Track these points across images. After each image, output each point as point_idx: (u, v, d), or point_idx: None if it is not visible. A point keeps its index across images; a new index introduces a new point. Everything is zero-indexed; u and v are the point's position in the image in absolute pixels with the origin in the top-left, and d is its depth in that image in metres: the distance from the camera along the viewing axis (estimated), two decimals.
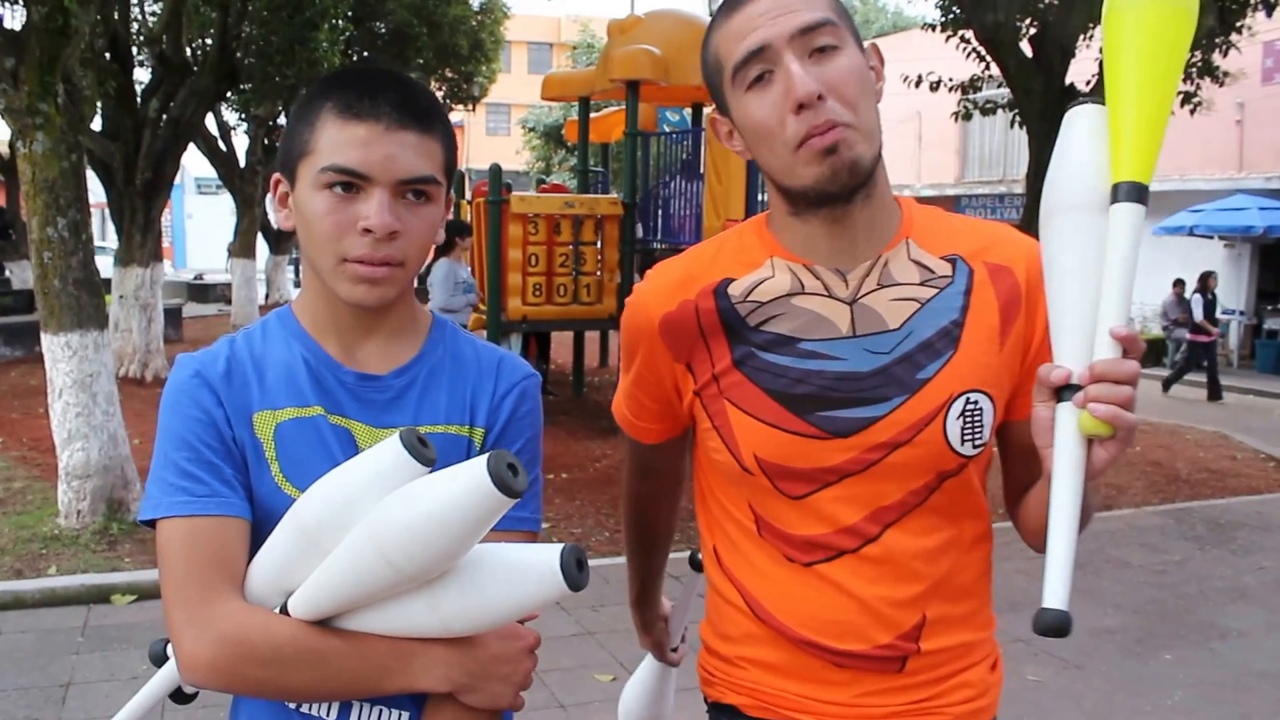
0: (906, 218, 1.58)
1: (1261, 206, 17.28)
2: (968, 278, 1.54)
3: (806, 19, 1.42)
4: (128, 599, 5.89)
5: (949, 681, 1.58)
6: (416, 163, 1.39)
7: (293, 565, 1.33)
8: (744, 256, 1.58)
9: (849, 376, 1.49)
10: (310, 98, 1.43)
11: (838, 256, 1.53)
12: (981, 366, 1.51)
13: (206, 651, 1.31)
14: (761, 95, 1.45)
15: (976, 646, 1.62)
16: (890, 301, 1.51)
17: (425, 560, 1.23)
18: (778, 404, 1.51)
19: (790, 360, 1.50)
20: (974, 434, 1.51)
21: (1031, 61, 10.69)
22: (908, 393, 1.49)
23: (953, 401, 1.49)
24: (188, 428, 1.41)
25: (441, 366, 1.52)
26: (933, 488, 1.52)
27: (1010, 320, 1.54)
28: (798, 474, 1.51)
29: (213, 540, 1.36)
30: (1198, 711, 4.80)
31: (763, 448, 1.52)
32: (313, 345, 1.49)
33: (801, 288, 1.53)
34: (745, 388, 1.52)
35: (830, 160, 1.42)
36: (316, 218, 1.39)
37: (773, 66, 1.43)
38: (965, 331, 1.51)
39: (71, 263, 6.74)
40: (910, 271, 1.53)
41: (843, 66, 1.42)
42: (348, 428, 1.45)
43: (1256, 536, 7.89)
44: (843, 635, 1.54)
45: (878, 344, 1.50)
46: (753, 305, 1.53)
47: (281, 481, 1.42)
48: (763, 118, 1.45)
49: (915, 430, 1.49)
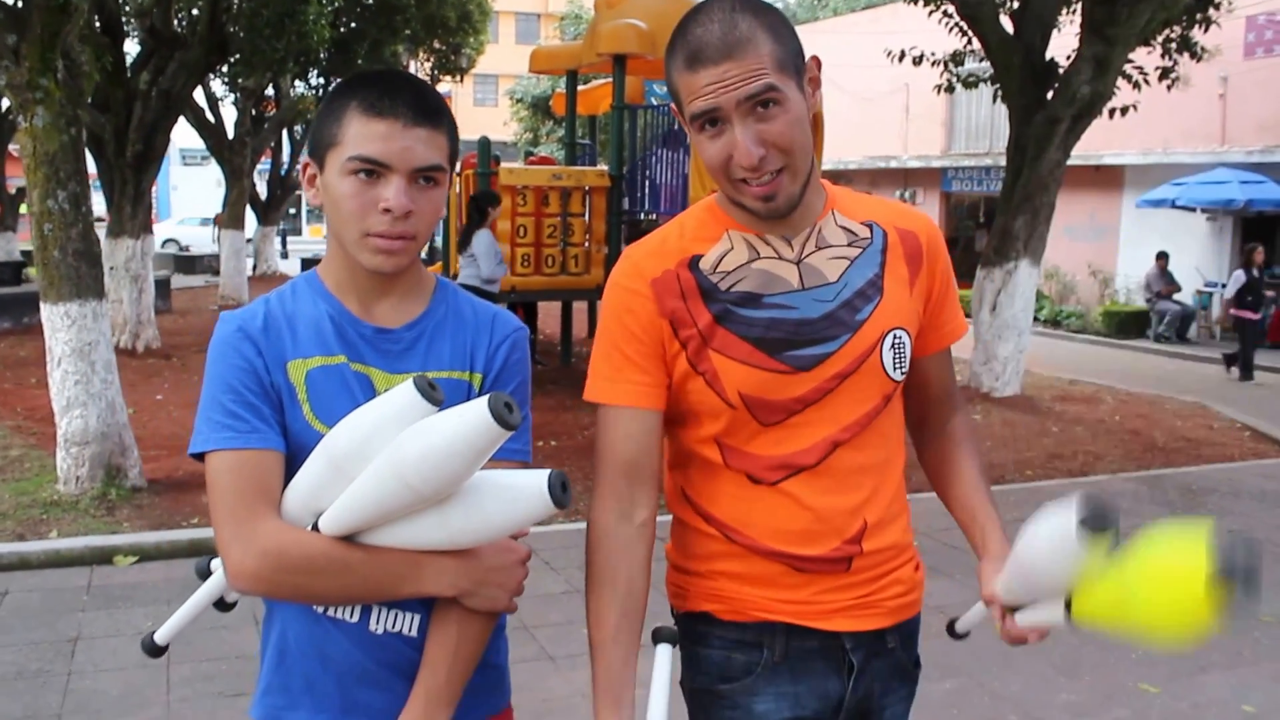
0: (830, 195, 1.90)
1: (1243, 180, 17.44)
2: (883, 238, 1.88)
3: (752, 90, 1.66)
4: (130, 560, 6.07)
5: (885, 579, 1.87)
6: (428, 153, 1.64)
7: (322, 490, 1.57)
8: (704, 233, 1.86)
9: (805, 322, 1.79)
10: (337, 95, 1.67)
11: (781, 227, 1.83)
12: (900, 308, 1.85)
13: (251, 562, 1.55)
14: (713, 141, 1.72)
15: (904, 549, 1.92)
16: (828, 259, 1.83)
17: (438, 482, 1.47)
18: (755, 348, 1.78)
19: (758, 312, 1.79)
20: (901, 362, 1.84)
21: (1012, 37, 10.82)
22: (850, 331, 1.80)
23: (885, 336, 1.82)
24: (232, 374, 1.64)
25: (445, 321, 1.76)
26: (879, 410, 1.83)
27: (915, 273, 1.89)
28: (772, 405, 1.79)
29: (254, 469, 1.59)
30: (1159, 664, 5.02)
31: (745, 384, 1.78)
32: (336, 304, 1.72)
33: (758, 254, 1.82)
34: (727, 338, 1.79)
35: (767, 205, 1.75)
36: (343, 198, 1.64)
37: (723, 122, 1.70)
38: (885, 280, 1.85)
39: (71, 234, 6.91)
40: (839, 235, 1.86)
41: (781, 123, 1.69)
42: (367, 374, 1.69)
43: (1226, 501, 8.12)
44: (801, 542, 1.82)
45: (822, 294, 1.81)
46: (721, 275, 1.81)
47: (312, 419, 1.65)
48: (711, 157, 1.74)
49: (859, 361, 1.80)
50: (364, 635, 1.67)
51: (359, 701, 1.68)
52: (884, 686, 1.89)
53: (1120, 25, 9.94)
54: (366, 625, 1.67)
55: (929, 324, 1.92)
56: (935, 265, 1.91)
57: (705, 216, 1.88)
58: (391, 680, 1.68)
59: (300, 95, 21.89)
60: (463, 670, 1.66)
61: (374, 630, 1.67)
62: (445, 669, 1.64)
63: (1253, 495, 8.36)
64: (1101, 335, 19.44)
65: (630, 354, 1.81)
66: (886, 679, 1.89)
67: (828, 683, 1.85)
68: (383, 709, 1.67)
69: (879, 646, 1.88)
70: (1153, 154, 19.58)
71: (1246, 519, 7.65)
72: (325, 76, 20.28)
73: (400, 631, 1.68)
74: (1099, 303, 20.66)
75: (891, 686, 1.91)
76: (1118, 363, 16.18)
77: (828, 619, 1.83)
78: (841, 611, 1.84)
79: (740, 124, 1.68)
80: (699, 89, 1.68)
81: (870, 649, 1.87)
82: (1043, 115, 10.51)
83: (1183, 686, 4.79)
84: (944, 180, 25.00)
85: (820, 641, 1.84)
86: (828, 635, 1.84)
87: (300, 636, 1.69)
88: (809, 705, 1.84)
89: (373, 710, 1.68)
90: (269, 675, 1.74)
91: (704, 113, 1.69)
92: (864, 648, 1.86)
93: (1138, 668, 4.95)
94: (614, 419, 1.81)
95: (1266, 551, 6.83)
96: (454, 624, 1.64)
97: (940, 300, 1.92)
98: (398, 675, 1.67)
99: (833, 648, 1.85)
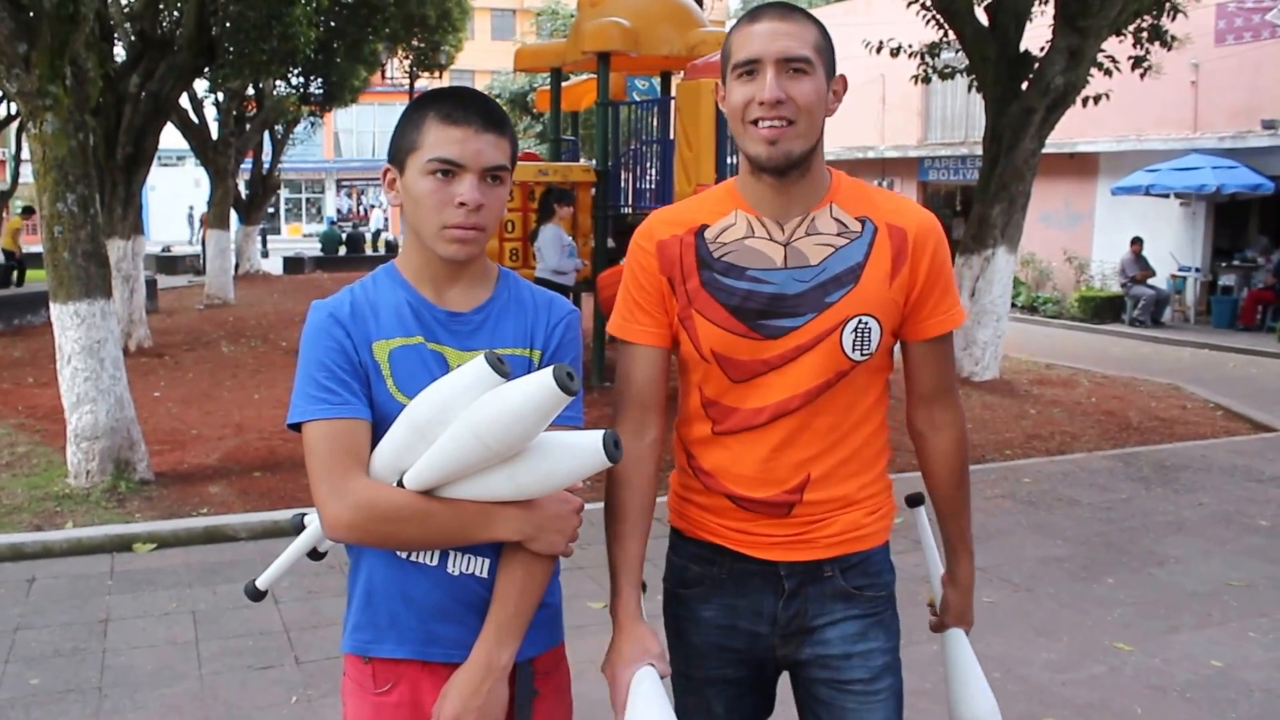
0: (834, 186, 2.16)
1: (1215, 165, 17.71)
2: (872, 233, 2.12)
3: (792, 52, 2.00)
4: (149, 546, 6.30)
5: (824, 521, 2.16)
6: (495, 155, 1.92)
7: (405, 452, 1.84)
8: (718, 208, 2.17)
9: (779, 297, 2.07)
10: (415, 109, 1.95)
11: (779, 211, 2.11)
12: (874, 297, 2.09)
13: (346, 514, 1.82)
14: (744, 86, 2.04)
15: (854, 502, 2.18)
16: (814, 245, 2.10)
17: (509, 440, 1.74)
18: (729, 314, 2.09)
19: (739, 283, 2.09)
20: (863, 345, 2.08)
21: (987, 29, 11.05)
22: (816, 311, 2.07)
23: (848, 320, 2.07)
24: (325, 354, 1.90)
25: (508, 306, 2.03)
26: (831, 383, 2.09)
27: (899, 267, 2.11)
28: (739, 364, 2.10)
29: (346, 435, 1.86)
30: (1133, 626, 5.31)
31: (717, 344, 2.10)
32: (413, 291, 1.99)
33: (752, 233, 2.12)
34: (708, 302, 2.10)
35: (769, 148, 2.02)
36: (424, 195, 1.90)
37: (757, 71, 2.02)
38: (865, 271, 2.09)
39: (80, 235, 7.11)
40: (831, 225, 2.12)
41: (804, 87, 2.01)
42: (441, 352, 1.96)
43: (1198, 477, 8.43)
44: (748, 486, 2.14)
45: (801, 275, 2.08)
46: (719, 245, 2.12)
47: (395, 392, 1.91)
48: (737, 101, 2.05)
49: (819, 339, 2.07)
50: (442, 576, 1.94)
51: (438, 635, 1.95)
52: (819, 608, 2.17)
53: (1092, 16, 10.21)
54: (445, 567, 1.94)
55: (909, 315, 2.15)
56: (920, 261, 2.12)
57: (722, 195, 2.19)
58: (466, 615, 1.95)
59: (282, 95, 21.98)
60: (528, 605, 1.94)
61: (451, 572, 1.95)
62: (514, 603, 1.92)
63: (1223, 470, 8.67)
64: (1077, 320, 19.76)
65: (640, 301, 2.18)
66: (822, 601, 2.17)
67: (763, 600, 2.17)
68: (458, 640, 1.94)
69: (815, 574, 2.16)
70: (1126, 141, 19.88)
71: (1217, 492, 7.96)
72: (306, 76, 20.39)
73: (474, 573, 1.95)
74: (1075, 288, 20.95)
75: (829, 608, 2.17)
76: (1093, 347, 16.50)
77: (766, 550, 2.15)
78: (778, 545, 2.15)
79: (773, 75, 1.99)
80: (748, 40, 2.02)
81: (805, 576, 2.16)
82: (1018, 105, 10.76)
83: (1155, 645, 5.08)
84: (920, 170, 25.26)
85: (760, 566, 2.16)
86: (766, 562, 2.16)
87: (386, 579, 1.96)
88: (746, 616, 2.19)
89: (450, 642, 1.95)
90: (358, 614, 2.00)
91: (746, 60, 2.01)
92: (798, 575, 2.16)
93: (1113, 628, 5.24)
94: (629, 354, 2.20)
95: (1235, 523, 7.15)
96: (519, 565, 1.92)
97: (923, 294, 2.14)
98: (472, 611, 1.95)
99: (769, 573, 2.16)
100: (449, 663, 1.94)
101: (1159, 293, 19.11)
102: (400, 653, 1.96)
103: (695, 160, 9.84)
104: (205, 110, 21.55)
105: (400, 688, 1.98)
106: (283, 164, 28.17)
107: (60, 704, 4.38)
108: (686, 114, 9.95)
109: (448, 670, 1.94)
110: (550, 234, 10.28)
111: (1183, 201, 19.27)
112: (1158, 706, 4.49)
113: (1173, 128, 19.45)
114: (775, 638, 2.19)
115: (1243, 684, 4.71)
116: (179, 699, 4.44)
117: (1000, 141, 10.98)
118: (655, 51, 11.58)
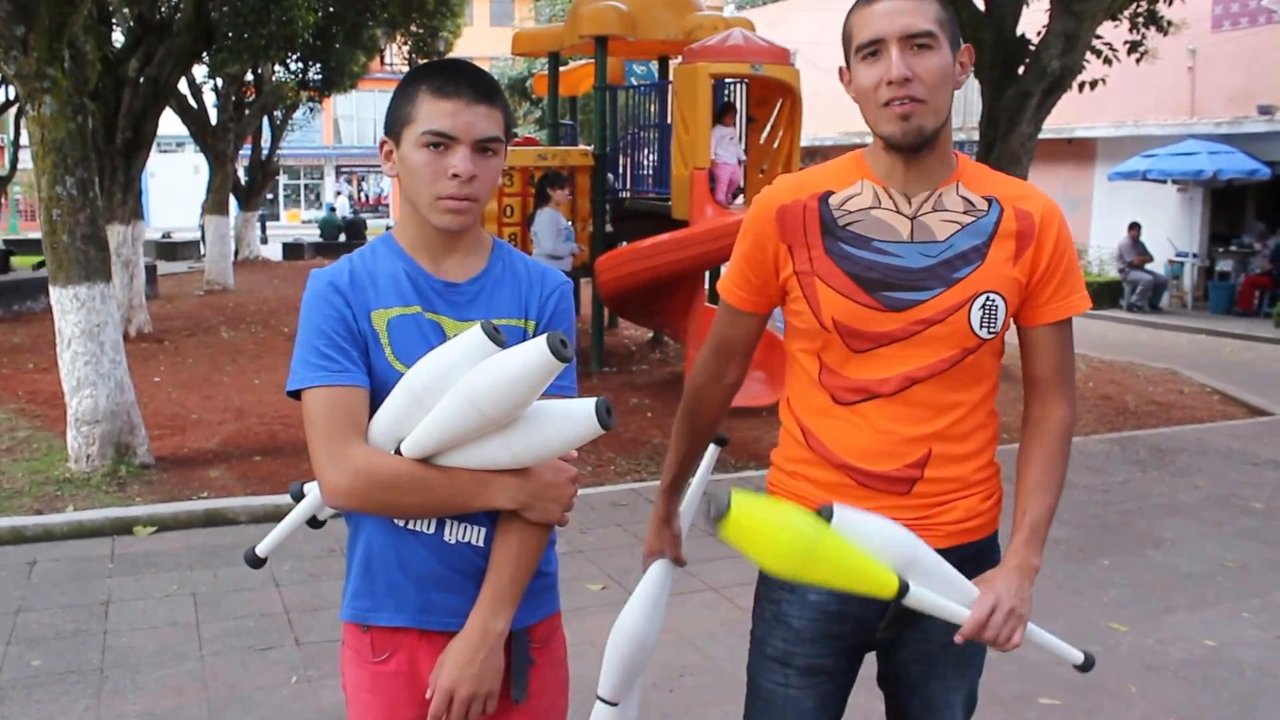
0: (961, 166, 2.15)
1: (1211, 151, 17.70)
2: (999, 213, 2.11)
3: (914, 28, 1.99)
4: (149, 530, 6.33)
5: (944, 506, 2.13)
6: (487, 127, 1.94)
7: (403, 419, 1.87)
8: (845, 177, 2.16)
9: (905, 270, 2.07)
10: (409, 82, 1.97)
11: (908, 185, 2.11)
12: (999, 275, 2.08)
13: (344, 481, 1.85)
14: (870, 67, 2.03)
15: (972, 484, 2.16)
16: (941, 221, 2.09)
17: (505, 407, 1.77)
18: (854, 283, 2.07)
19: (865, 253, 2.08)
20: (990, 322, 2.08)
21: (983, 13, 11.03)
22: (945, 286, 2.06)
23: (976, 297, 2.06)
24: (325, 322, 1.92)
25: (503, 277, 2.06)
26: (956, 360, 2.08)
27: (1024, 249, 2.11)
28: (861, 334, 2.08)
29: (345, 403, 1.88)
30: (1128, 606, 5.35)
31: (839, 313, 2.08)
32: (410, 261, 2.01)
33: (879, 204, 2.11)
34: (831, 269, 2.09)
35: (903, 124, 2.01)
36: (418, 167, 1.93)
37: (881, 51, 2.01)
38: (990, 250, 2.09)
39: (80, 219, 7.11)
40: (958, 203, 2.11)
41: (930, 62, 2.00)
42: (438, 321, 1.98)
43: (1194, 460, 8.46)
44: (869, 459, 2.11)
45: (928, 250, 2.08)
46: (844, 213, 2.11)
47: (393, 360, 1.94)
48: (865, 83, 2.04)
49: (948, 313, 2.06)
50: (439, 545, 1.97)
51: (434, 603, 1.98)
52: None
53: (1088, 1, 10.21)
54: (441, 536, 1.97)
55: (1029, 299, 2.13)
56: (1044, 244, 2.11)
57: (849, 164, 2.18)
58: (463, 584, 1.97)
59: (281, 81, 21.94)
60: (523, 574, 1.96)
61: (448, 540, 1.97)
62: (509, 571, 1.94)
63: (1219, 453, 8.71)
64: None
65: (749, 273, 2.20)
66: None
67: None
68: (455, 608, 1.97)
69: None
70: (1124, 126, 19.88)
71: (1213, 475, 7.99)
72: (305, 62, 20.35)
73: (470, 541, 1.98)
74: None
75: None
76: (1091, 331, 16.51)
77: None
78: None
79: (897, 53, 1.98)
80: (870, 20, 2.02)
81: None
82: (1014, 90, 10.76)
83: (1150, 625, 5.12)
84: None
85: None
86: None
87: (384, 547, 1.99)
88: (854, 602, 2.08)
89: (446, 610, 1.98)
90: (356, 582, 2.04)
91: (870, 41, 2.01)
92: None
93: (1108, 609, 5.28)
94: (728, 313, 2.27)
95: (1230, 505, 7.18)
96: (515, 534, 1.94)
97: (1045, 278, 2.11)
98: (468, 579, 1.97)
99: None
100: (446, 631, 1.97)
101: (1157, 278, 19.12)
102: (398, 621, 1.99)
103: (692, 144, 9.86)
104: (204, 95, 21.49)
105: (398, 656, 2.01)
106: (282, 150, 28.10)
107: (61, 685, 4.41)
108: (683, 98, 9.96)
109: (445, 639, 1.97)
110: (546, 218, 10.28)
111: (1180, 187, 19.29)
112: (1152, 685, 4.53)
113: (1170, 113, 19.45)
114: (880, 623, 2.13)
115: (1235, 663, 4.75)
116: (180, 680, 4.47)
117: (997, 126, 10.98)
118: (652, 36, 11.59)
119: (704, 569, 5.51)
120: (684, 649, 4.71)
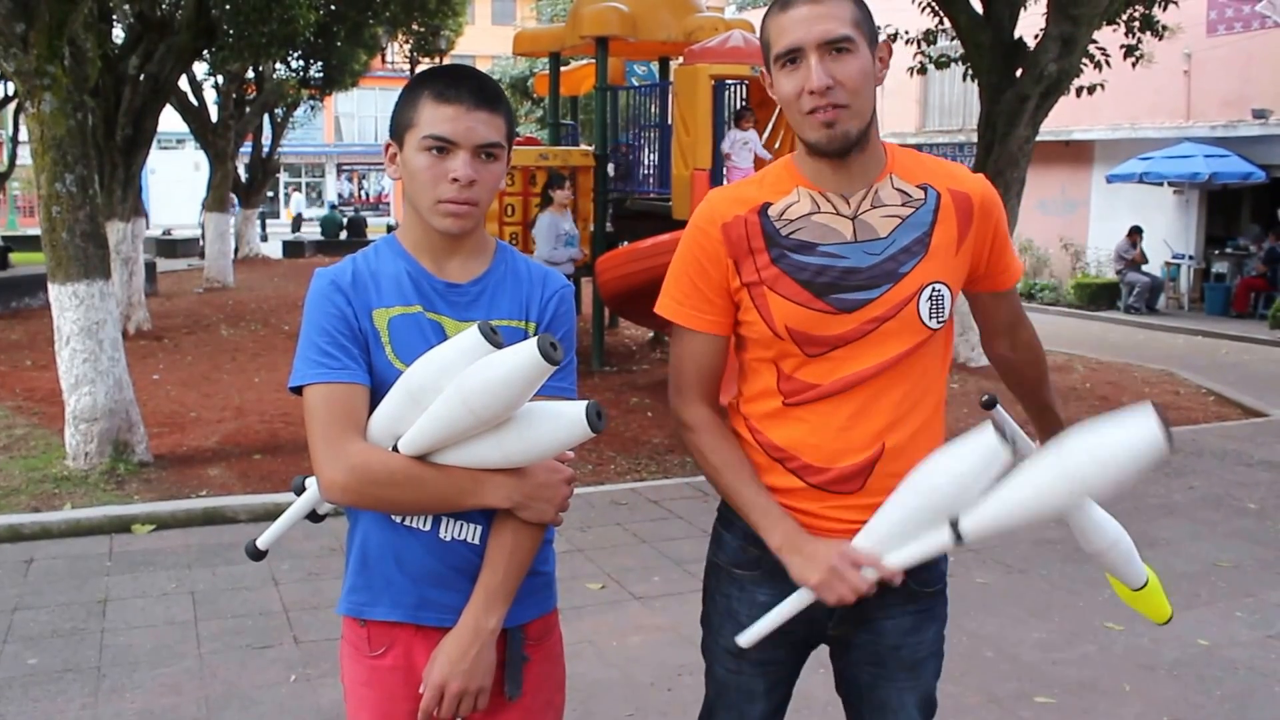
0: (891, 158, 2.17)
1: (1207, 154, 17.79)
2: (936, 200, 2.13)
3: (832, 34, 1.98)
4: (148, 528, 6.34)
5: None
6: (488, 132, 1.97)
7: (401, 417, 1.89)
8: (778, 186, 2.15)
9: (852, 270, 2.07)
10: (412, 87, 2.00)
11: (843, 186, 2.11)
12: (944, 264, 2.11)
13: (341, 476, 1.88)
14: (790, 76, 2.03)
15: None
16: (881, 217, 2.10)
17: (495, 407, 1.80)
18: (803, 289, 2.07)
19: (811, 259, 2.08)
20: (938, 312, 2.10)
21: (981, 17, 11.07)
22: (892, 281, 2.07)
23: (924, 289, 2.08)
24: (327, 320, 1.95)
25: (505, 278, 2.08)
26: (911, 352, 2.09)
27: (965, 233, 2.14)
28: (815, 339, 2.08)
29: (344, 400, 1.91)
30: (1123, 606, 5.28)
31: (791, 320, 2.08)
32: (413, 261, 2.04)
33: (818, 208, 2.11)
34: (781, 278, 2.09)
35: (828, 131, 2.01)
36: (419, 171, 1.96)
37: (800, 59, 2.00)
38: (933, 239, 2.10)
39: (79, 216, 7.12)
40: (894, 196, 2.12)
41: (850, 67, 2.00)
42: (439, 321, 2.01)
43: (1189, 461, 8.48)
44: (823, 456, 2.11)
45: (872, 248, 2.08)
46: (785, 222, 2.11)
47: (393, 358, 1.96)
48: (787, 92, 2.04)
49: (898, 308, 2.07)
50: (435, 542, 2.00)
51: (430, 599, 2.01)
52: (879, 601, 2.10)
53: (1085, 5, 10.22)
54: (437, 533, 2.00)
55: (986, 273, 2.21)
56: (986, 224, 2.16)
57: (781, 172, 2.18)
58: (458, 580, 2.00)
59: (282, 79, 21.95)
60: (517, 572, 1.98)
61: (443, 537, 2.00)
62: (503, 569, 1.97)
63: (1214, 454, 8.73)
64: (1074, 307, 19.80)
65: (702, 288, 2.15)
66: (883, 594, 2.07)
67: None
68: (450, 605, 1.99)
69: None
70: (1121, 129, 19.91)
71: (1207, 476, 8.02)
72: (306, 60, 20.38)
73: (465, 539, 2.01)
74: (1071, 275, 21.02)
75: (888, 601, 2.13)
76: (1089, 333, 16.54)
77: (832, 536, 2.08)
78: (847, 531, 2.08)
79: (816, 60, 1.98)
80: (786, 27, 2.01)
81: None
82: (1012, 93, 10.78)
83: (1144, 624, 5.11)
84: None
85: None
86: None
87: (380, 543, 2.02)
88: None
89: (441, 606, 2.00)
90: (353, 577, 2.07)
91: (787, 50, 2.00)
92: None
93: (1103, 608, 5.30)
94: (687, 339, 2.19)
95: (1224, 506, 7.21)
96: (509, 532, 1.97)
97: (994, 254, 2.19)
98: (463, 576, 2.00)
99: None
100: (442, 627, 2.00)
101: (1154, 280, 19.17)
102: (394, 615, 2.02)
103: (692, 145, 9.89)
104: (205, 93, 21.50)
105: (394, 651, 2.04)
106: (283, 148, 28.12)
107: (59, 683, 4.42)
108: (684, 99, 9.98)
109: (440, 635, 1.99)
110: (545, 222, 10.27)
111: (1176, 190, 19.33)
112: (1146, 684, 4.55)
113: (1166, 116, 19.50)
114: (830, 622, 2.18)
115: (1228, 662, 4.77)
116: (178, 678, 4.48)
117: (995, 128, 11.00)
118: (653, 37, 11.62)
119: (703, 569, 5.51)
120: (684, 648, 4.72)
